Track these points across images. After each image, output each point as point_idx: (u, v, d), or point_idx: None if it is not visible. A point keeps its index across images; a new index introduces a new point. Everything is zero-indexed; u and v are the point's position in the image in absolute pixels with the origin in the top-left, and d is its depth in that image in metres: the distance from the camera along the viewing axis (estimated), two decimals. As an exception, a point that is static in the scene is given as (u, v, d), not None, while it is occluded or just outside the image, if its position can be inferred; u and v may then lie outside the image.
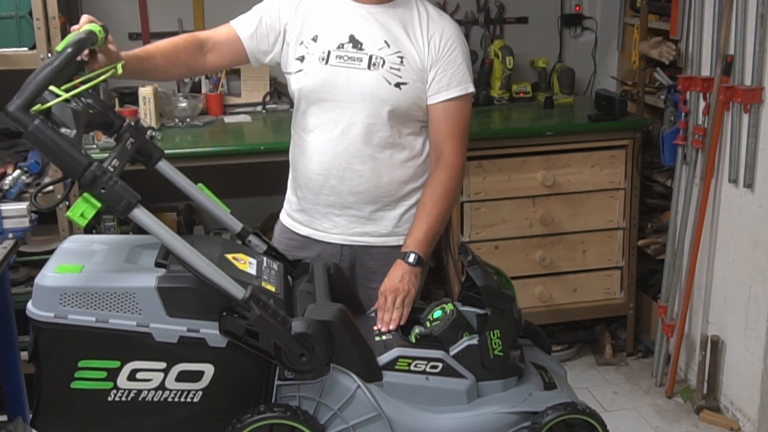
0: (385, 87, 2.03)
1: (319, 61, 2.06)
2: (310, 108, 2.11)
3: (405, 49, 2.05)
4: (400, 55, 2.04)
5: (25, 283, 3.08)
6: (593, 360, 3.70)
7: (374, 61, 2.03)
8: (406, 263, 1.97)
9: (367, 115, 2.04)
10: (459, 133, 2.09)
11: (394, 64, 2.03)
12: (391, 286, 1.92)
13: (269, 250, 1.94)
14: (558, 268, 3.53)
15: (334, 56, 2.05)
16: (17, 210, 2.41)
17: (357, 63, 2.04)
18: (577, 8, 4.09)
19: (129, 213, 1.51)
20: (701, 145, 3.17)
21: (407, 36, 2.06)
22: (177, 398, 1.59)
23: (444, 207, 2.06)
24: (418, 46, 2.06)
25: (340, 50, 2.05)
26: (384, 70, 2.03)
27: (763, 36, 2.86)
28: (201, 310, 1.56)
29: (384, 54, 2.04)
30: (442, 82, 2.06)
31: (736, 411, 3.18)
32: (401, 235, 2.12)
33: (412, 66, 2.04)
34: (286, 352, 1.58)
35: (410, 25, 2.07)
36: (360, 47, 2.05)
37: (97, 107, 1.70)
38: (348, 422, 1.64)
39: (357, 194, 2.10)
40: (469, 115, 2.13)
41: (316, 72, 2.06)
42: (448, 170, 2.07)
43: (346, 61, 2.05)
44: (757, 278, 3.01)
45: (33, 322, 1.55)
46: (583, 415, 1.69)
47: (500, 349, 1.71)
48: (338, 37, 2.06)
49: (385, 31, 2.06)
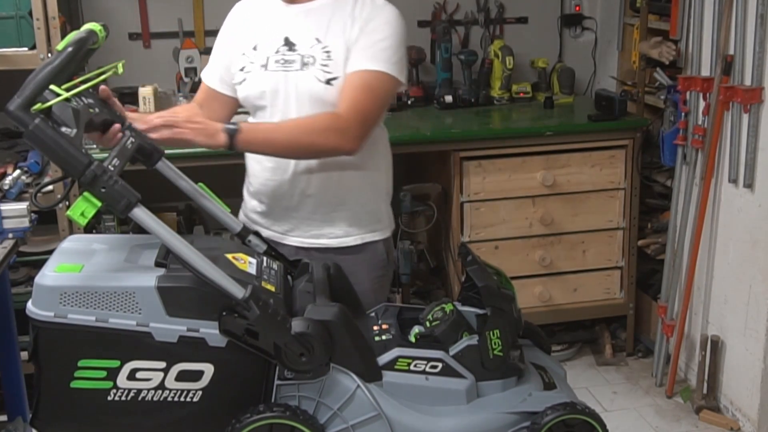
0: (318, 85, 2.00)
1: (260, 69, 2.06)
2: (258, 114, 2.10)
3: (333, 42, 2.01)
4: (328, 50, 2.01)
5: (25, 283, 3.08)
6: (593, 360, 3.70)
7: (306, 61, 2.02)
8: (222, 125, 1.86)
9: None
10: (360, 101, 1.96)
11: (324, 60, 2.01)
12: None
13: (269, 249, 1.94)
14: (558, 268, 3.53)
15: (273, 61, 2.05)
16: (17, 210, 2.41)
17: (292, 65, 2.03)
18: (577, 8, 4.09)
19: (129, 212, 1.51)
20: (701, 145, 3.17)
21: (339, 27, 2.02)
22: (177, 398, 1.59)
23: (298, 131, 1.93)
24: (349, 33, 2.01)
25: (277, 54, 2.05)
26: (315, 69, 2.01)
27: (763, 36, 2.86)
28: (201, 309, 1.56)
29: (314, 52, 2.02)
30: (354, 56, 1.99)
31: (735, 411, 3.19)
32: (357, 234, 2.12)
33: (339, 58, 2.00)
34: (285, 352, 1.58)
35: (340, 14, 2.03)
36: (294, 48, 2.04)
37: (98, 107, 1.70)
38: (348, 422, 1.64)
39: (309, 197, 2.09)
40: (379, 92, 1.99)
41: (257, 79, 2.06)
42: (330, 114, 1.95)
43: (283, 64, 2.04)
44: (757, 278, 3.01)
45: (33, 321, 1.55)
46: (583, 415, 1.69)
47: (500, 349, 1.71)
48: (275, 42, 2.06)
49: (317, 27, 2.04)
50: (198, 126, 1.81)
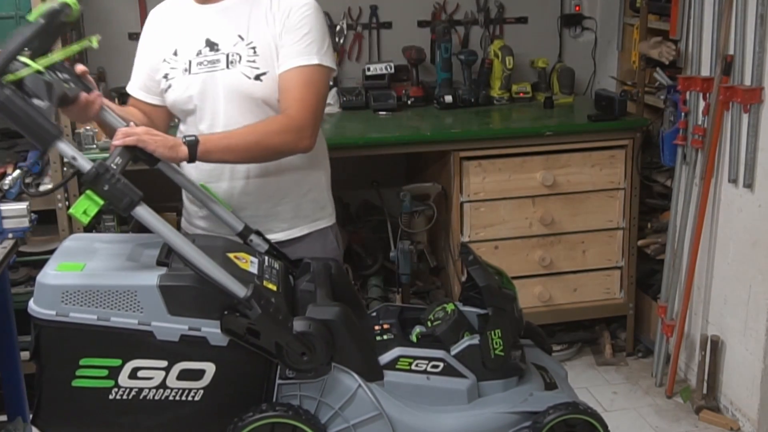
0: (246, 82, 2.01)
1: (183, 73, 2.05)
2: (187, 119, 2.10)
3: (258, 38, 2.02)
4: (253, 46, 2.02)
5: (25, 283, 3.08)
6: (593, 360, 3.70)
7: (231, 59, 2.02)
8: (180, 138, 1.86)
9: (239, 114, 2.01)
10: (306, 98, 1.99)
11: (250, 57, 2.01)
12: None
13: (271, 249, 1.94)
14: (558, 268, 3.53)
15: (195, 64, 2.04)
16: (17, 210, 2.41)
17: (216, 65, 2.03)
18: (577, 8, 4.09)
19: (131, 210, 1.52)
20: (701, 145, 3.18)
21: (261, 22, 2.02)
22: (178, 397, 1.60)
23: (256, 135, 1.93)
24: (271, 28, 2.01)
25: (199, 56, 2.04)
26: (242, 66, 2.01)
27: (763, 36, 2.87)
28: (202, 308, 1.56)
29: (239, 49, 2.02)
30: (285, 53, 2.00)
31: (735, 411, 3.19)
32: (303, 224, 2.14)
33: (266, 53, 2.01)
34: (287, 351, 1.59)
35: (260, 8, 2.03)
36: (216, 48, 2.04)
37: (74, 83, 1.70)
38: (349, 421, 1.65)
39: (249, 194, 2.08)
40: (318, 85, 2.02)
41: (182, 84, 2.05)
42: (282, 116, 1.98)
43: (207, 65, 2.03)
44: (757, 278, 3.02)
45: (34, 320, 1.55)
46: (584, 415, 1.70)
47: (501, 349, 1.71)
48: (196, 45, 2.05)
49: (237, 24, 2.03)
50: (158, 138, 1.78)
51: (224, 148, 1.89)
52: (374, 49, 3.93)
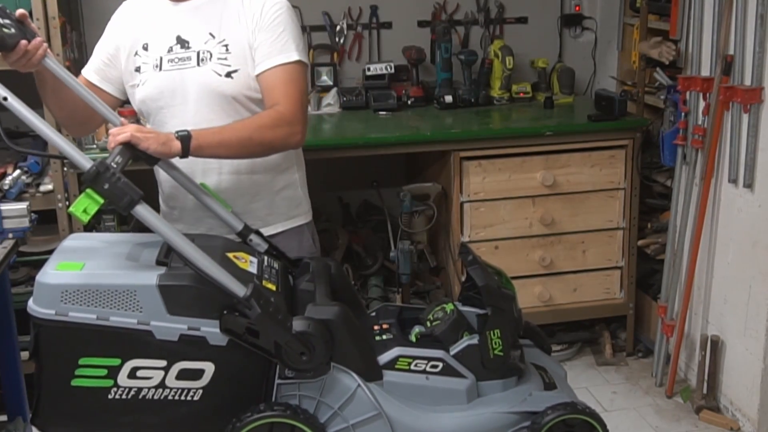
0: (217, 79, 2.01)
1: (154, 69, 2.05)
2: (157, 117, 2.09)
3: (230, 36, 2.03)
4: (225, 44, 2.03)
5: (25, 283, 3.08)
6: (593, 360, 3.70)
7: (202, 57, 2.03)
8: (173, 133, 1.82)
9: (209, 111, 2.02)
10: (293, 94, 2.01)
11: (221, 54, 2.02)
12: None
13: (270, 249, 1.94)
14: (558, 268, 3.53)
15: (166, 60, 2.05)
16: (17, 210, 2.41)
17: (187, 62, 2.03)
18: (577, 8, 4.09)
19: (132, 209, 1.52)
20: (701, 145, 3.18)
21: (232, 20, 2.04)
22: (177, 396, 1.60)
23: (249, 130, 1.93)
24: (243, 26, 2.03)
25: (170, 54, 2.05)
26: (213, 63, 2.02)
27: (763, 36, 2.87)
28: (202, 308, 1.56)
29: (210, 47, 2.03)
30: (264, 51, 2.01)
31: (735, 411, 3.19)
32: (276, 222, 2.15)
33: (238, 51, 2.02)
34: (286, 351, 1.59)
35: (232, 7, 2.05)
36: (187, 46, 2.05)
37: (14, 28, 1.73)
38: (348, 421, 1.65)
39: (222, 191, 2.07)
40: (301, 81, 2.05)
41: (152, 80, 2.06)
42: (272, 110, 1.98)
43: (177, 63, 2.04)
44: (757, 278, 3.02)
45: (34, 319, 1.55)
46: (583, 415, 1.70)
47: (500, 349, 1.71)
48: (167, 41, 2.06)
49: (208, 22, 2.05)
50: (150, 135, 1.76)
51: (217, 143, 1.88)
52: (374, 49, 3.93)
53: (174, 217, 2.16)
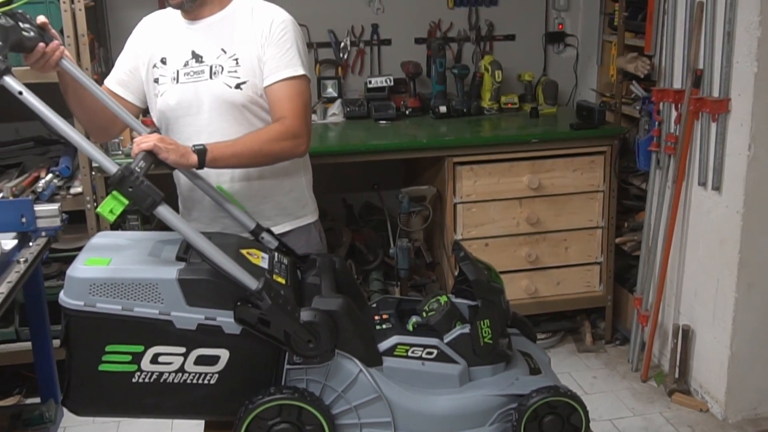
0: (228, 91, 2.02)
1: (171, 82, 2.06)
2: (173, 127, 2.09)
3: (240, 51, 2.03)
4: (236, 58, 2.03)
5: (57, 277, 3.09)
6: (574, 347, 3.71)
7: (214, 70, 2.03)
8: (190, 146, 1.82)
9: (221, 120, 2.03)
10: (298, 108, 2.01)
11: (232, 68, 2.02)
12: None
13: (280, 246, 1.94)
14: (542, 263, 3.53)
15: (183, 74, 2.05)
16: (50, 210, 2.42)
17: (201, 75, 2.04)
18: (560, 26, 4.10)
19: (154, 209, 1.52)
20: (673, 152, 3.18)
21: (242, 37, 2.04)
22: (195, 380, 1.60)
23: (259, 142, 1.94)
24: (252, 42, 2.03)
25: (186, 67, 2.05)
26: (224, 76, 2.02)
27: (730, 52, 2.87)
28: (218, 299, 1.56)
29: (221, 61, 2.03)
30: (272, 65, 2.01)
31: (705, 393, 3.19)
32: (285, 222, 2.15)
33: (247, 64, 2.02)
34: (295, 339, 1.58)
35: (242, 25, 2.05)
36: (201, 60, 2.05)
37: (34, 32, 1.71)
38: (351, 403, 1.64)
39: (234, 195, 2.06)
40: (305, 95, 2.05)
41: (170, 92, 2.06)
42: (279, 124, 1.98)
43: (192, 76, 2.04)
44: (724, 273, 3.02)
45: (64, 310, 1.55)
46: (566, 398, 1.69)
47: (490, 338, 1.71)
48: (183, 56, 2.06)
49: (220, 39, 2.05)
50: (171, 146, 1.76)
51: (230, 156, 1.89)
52: (375, 64, 3.94)
53: (192, 217, 2.16)
